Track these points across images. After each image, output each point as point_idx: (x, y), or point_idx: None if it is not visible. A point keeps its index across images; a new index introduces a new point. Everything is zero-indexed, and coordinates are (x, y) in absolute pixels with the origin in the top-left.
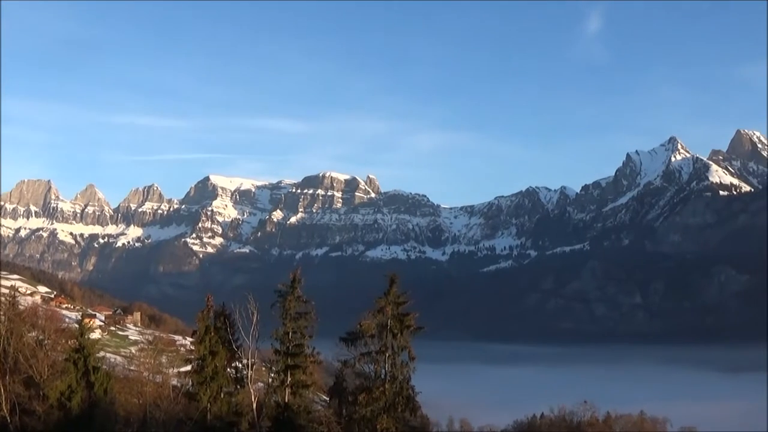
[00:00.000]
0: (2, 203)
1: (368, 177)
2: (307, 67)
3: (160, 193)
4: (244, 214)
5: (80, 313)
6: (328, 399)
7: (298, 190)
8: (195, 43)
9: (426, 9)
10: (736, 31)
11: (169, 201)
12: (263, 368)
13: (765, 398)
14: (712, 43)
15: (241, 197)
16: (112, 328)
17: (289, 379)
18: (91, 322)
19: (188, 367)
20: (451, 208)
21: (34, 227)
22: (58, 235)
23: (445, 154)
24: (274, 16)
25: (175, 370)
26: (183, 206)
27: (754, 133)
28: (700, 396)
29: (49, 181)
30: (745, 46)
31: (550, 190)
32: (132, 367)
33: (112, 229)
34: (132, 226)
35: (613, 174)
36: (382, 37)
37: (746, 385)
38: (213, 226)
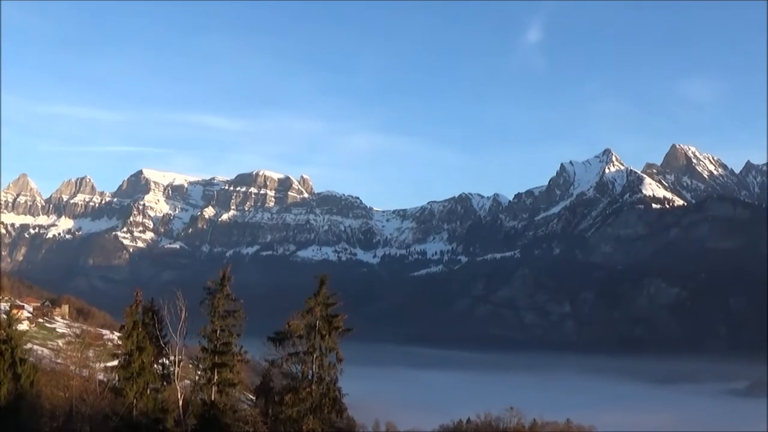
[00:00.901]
0: None
1: (302, 177)
2: (245, 64)
3: (93, 185)
4: (175, 210)
5: (8, 303)
6: (254, 398)
7: (231, 188)
8: (130, 34)
9: (366, 12)
10: (673, 46)
11: (102, 193)
12: (190, 366)
13: (692, 409)
14: (649, 57)
15: (174, 192)
16: (40, 320)
17: (216, 377)
18: (19, 314)
19: (115, 362)
20: (383, 211)
21: None
22: None
23: (380, 157)
24: (212, 11)
25: (102, 365)
26: (115, 199)
27: (689, 148)
28: (627, 406)
29: None
30: (682, 61)
31: (483, 197)
32: (59, 360)
33: (43, 219)
34: (63, 217)
35: (547, 183)
36: (323, 37)
37: (673, 396)
38: (144, 220)
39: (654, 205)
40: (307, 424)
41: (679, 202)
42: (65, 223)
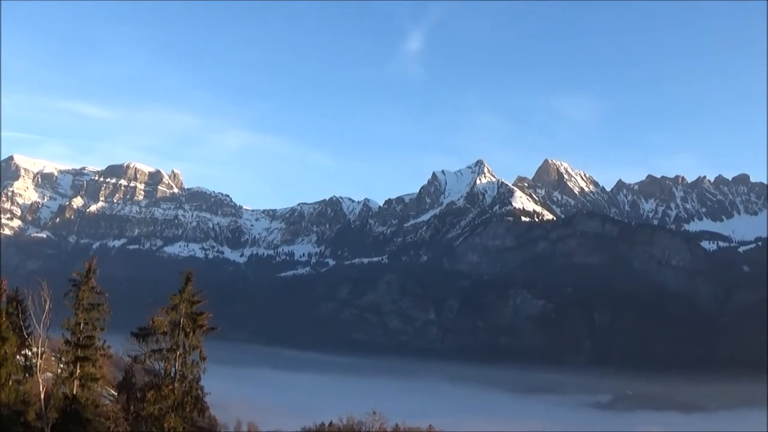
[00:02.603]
0: None
1: (173, 171)
2: (121, 53)
3: None
4: (44, 198)
5: None
6: (116, 394)
7: (101, 178)
8: (3, 14)
9: (246, 10)
10: (550, 64)
11: None
12: (53, 358)
13: (554, 420)
14: (527, 73)
15: (43, 180)
16: None
17: (79, 371)
18: None
19: None
20: (253, 210)
21: None
22: None
23: (253, 156)
24: None
25: None
26: None
27: (562, 164)
28: (489, 414)
29: None
30: (558, 79)
31: (353, 201)
32: None
33: None
34: None
35: (418, 191)
36: (201, 32)
37: (536, 407)
38: (12, 207)
39: (523, 218)
40: (169, 422)
41: (548, 216)
42: None
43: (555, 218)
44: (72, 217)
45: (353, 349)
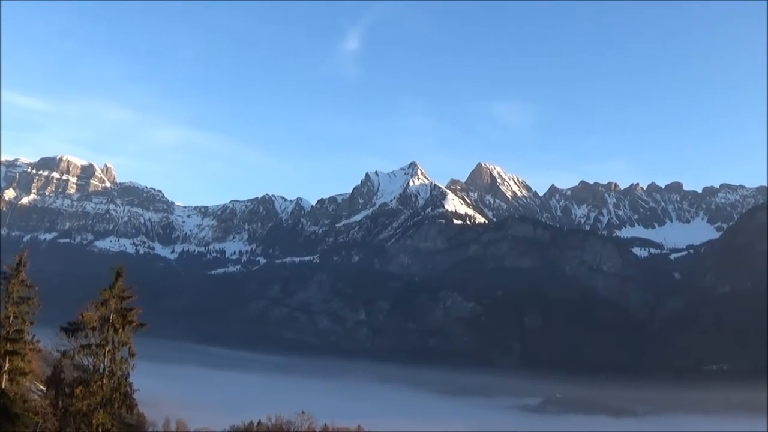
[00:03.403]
0: None
1: (105, 165)
2: (57, 43)
3: None
4: None
5: None
6: (44, 389)
7: (34, 171)
8: None
9: (184, 5)
10: (486, 69)
11: None
12: None
13: (483, 422)
14: (460, 76)
15: None
16: None
17: (8, 365)
18: None
19: None
20: (185, 207)
21: None
22: None
23: (187, 152)
24: None
25: None
26: None
27: (495, 168)
28: (418, 415)
29: None
30: (494, 84)
31: (286, 199)
32: None
33: None
34: None
35: (351, 191)
36: (137, 25)
37: (465, 409)
38: None
39: (455, 221)
40: (97, 418)
41: (480, 219)
42: None
43: (487, 222)
44: (3, 208)
45: (283, 348)
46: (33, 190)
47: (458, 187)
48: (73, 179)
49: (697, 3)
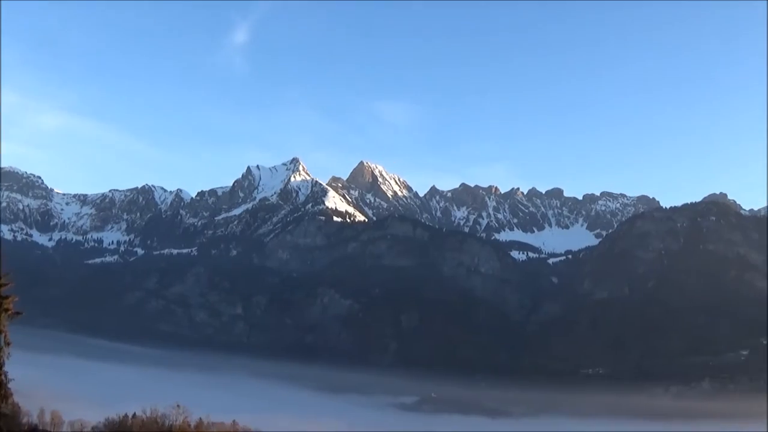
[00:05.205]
0: None
1: None
2: None
3: None
4: None
5: None
6: None
7: None
8: None
9: None
10: (371, 68)
11: None
12: None
13: (359, 420)
14: (345, 73)
15: None
16: None
17: None
18: None
19: None
20: (64, 194)
21: None
22: None
23: (69, 139)
24: None
25: None
26: None
27: (377, 167)
28: (294, 412)
29: None
30: (378, 83)
31: (165, 190)
32: None
33: None
34: None
35: (231, 185)
36: (24, 10)
37: (342, 406)
38: None
39: (335, 218)
40: None
41: (360, 217)
42: None
43: (367, 220)
44: None
45: (159, 341)
46: None
47: (339, 185)
48: None
49: (589, 8)
